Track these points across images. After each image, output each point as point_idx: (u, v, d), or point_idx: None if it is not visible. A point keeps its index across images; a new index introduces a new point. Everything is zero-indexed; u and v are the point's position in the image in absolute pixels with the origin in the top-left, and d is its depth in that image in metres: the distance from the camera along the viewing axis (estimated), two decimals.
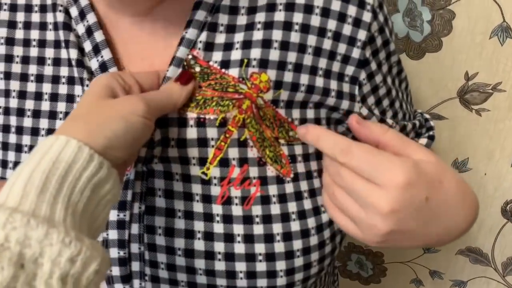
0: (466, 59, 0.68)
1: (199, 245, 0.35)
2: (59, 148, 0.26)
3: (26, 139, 0.37)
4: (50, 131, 0.37)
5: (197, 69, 0.34)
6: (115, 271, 0.36)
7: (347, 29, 0.36)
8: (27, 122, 0.37)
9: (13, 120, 0.37)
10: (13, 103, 0.37)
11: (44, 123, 0.37)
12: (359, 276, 1.06)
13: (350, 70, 0.37)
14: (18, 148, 0.37)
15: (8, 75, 0.38)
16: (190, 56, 0.34)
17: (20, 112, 0.37)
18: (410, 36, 0.69)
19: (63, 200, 0.25)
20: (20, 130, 0.37)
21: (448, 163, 0.80)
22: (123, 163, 0.31)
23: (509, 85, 0.68)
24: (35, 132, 0.37)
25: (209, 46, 0.35)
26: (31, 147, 0.37)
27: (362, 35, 0.36)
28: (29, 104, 0.37)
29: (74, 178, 0.26)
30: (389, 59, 0.40)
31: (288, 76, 0.35)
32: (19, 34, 0.37)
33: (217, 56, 0.35)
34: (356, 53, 0.36)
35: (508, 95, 0.69)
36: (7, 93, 0.38)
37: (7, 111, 0.38)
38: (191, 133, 0.35)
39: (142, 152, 0.35)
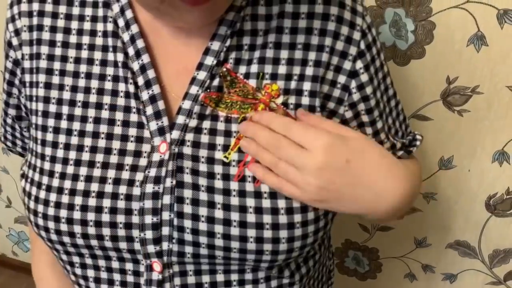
0: (447, 65, 0.76)
1: (218, 214, 0.42)
2: None
3: (76, 125, 0.44)
4: (97, 119, 0.44)
5: (228, 78, 0.43)
6: (149, 234, 0.42)
7: (339, 45, 0.44)
8: (78, 111, 0.45)
9: (65, 109, 0.45)
10: (66, 95, 0.45)
11: (91, 112, 0.44)
12: (356, 272, 1.11)
13: (342, 79, 0.44)
14: (69, 132, 0.44)
15: (63, 72, 0.45)
16: (225, 69, 0.43)
17: (72, 103, 0.45)
18: (396, 44, 0.76)
19: None
20: (71, 118, 0.45)
21: (434, 160, 0.87)
22: None
23: (486, 87, 0.75)
24: (84, 119, 0.44)
25: (238, 61, 0.43)
26: (80, 132, 0.44)
27: (353, 50, 0.44)
28: (80, 97, 0.45)
29: None
30: (377, 75, 0.47)
31: (293, 84, 0.43)
32: (73, 39, 0.45)
33: (242, 69, 0.44)
34: (347, 65, 0.44)
35: (485, 97, 0.76)
36: (61, 87, 0.45)
37: (60, 102, 0.45)
38: (221, 126, 0.43)
39: (175, 134, 0.43)
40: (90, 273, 0.47)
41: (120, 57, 0.44)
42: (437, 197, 0.91)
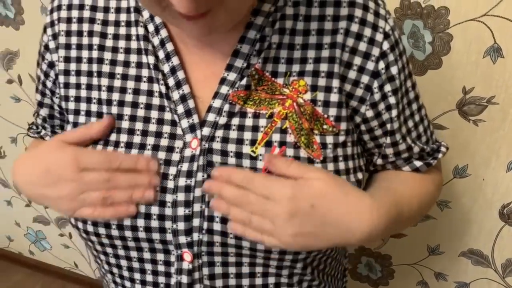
0: (463, 75, 0.78)
1: None
2: None
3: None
4: (132, 117, 0.47)
5: (256, 76, 0.46)
6: (180, 226, 0.45)
7: (363, 46, 0.46)
8: (114, 110, 0.48)
9: (104, 108, 0.48)
10: (103, 95, 0.48)
11: (127, 110, 0.47)
12: (368, 278, 1.13)
13: (365, 79, 0.47)
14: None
15: (99, 74, 0.49)
16: (253, 69, 0.45)
17: (109, 102, 0.48)
18: (414, 55, 0.79)
19: None
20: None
21: (449, 169, 0.88)
22: None
23: (501, 98, 0.77)
24: (119, 117, 0.48)
25: (265, 60, 0.46)
26: (117, 129, 0.47)
27: (375, 51, 0.46)
28: (115, 96, 0.48)
29: None
30: (399, 76, 0.48)
31: (322, 81, 0.46)
32: (109, 43, 0.49)
33: (269, 67, 0.46)
34: (370, 65, 0.46)
35: (501, 107, 0.78)
36: (99, 88, 0.49)
37: (100, 102, 0.48)
38: (249, 122, 0.46)
39: (206, 131, 0.46)
40: (123, 262, 0.49)
41: (151, 59, 0.47)
42: (451, 205, 0.93)
